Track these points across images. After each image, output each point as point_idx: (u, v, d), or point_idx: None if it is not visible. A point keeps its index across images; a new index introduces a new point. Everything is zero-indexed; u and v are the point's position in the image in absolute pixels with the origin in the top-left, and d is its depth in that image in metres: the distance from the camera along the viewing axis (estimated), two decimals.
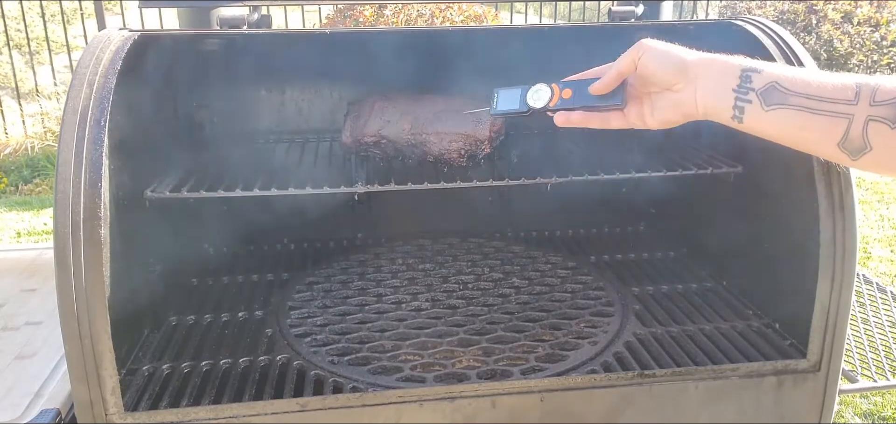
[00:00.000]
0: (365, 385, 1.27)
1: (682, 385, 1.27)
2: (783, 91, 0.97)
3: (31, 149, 5.77)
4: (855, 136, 0.92)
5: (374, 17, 5.66)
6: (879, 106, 0.89)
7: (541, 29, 1.56)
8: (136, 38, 1.28)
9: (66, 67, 6.90)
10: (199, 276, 1.78)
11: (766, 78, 0.98)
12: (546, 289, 1.69)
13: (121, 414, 1.13)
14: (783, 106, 0.97)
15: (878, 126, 0.90)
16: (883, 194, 4.98)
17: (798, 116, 0.96)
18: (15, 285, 1.82)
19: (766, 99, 0.98)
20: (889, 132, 0.89)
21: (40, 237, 4.34)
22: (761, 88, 0.98)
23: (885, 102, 0.89)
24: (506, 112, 1.24)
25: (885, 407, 2.62)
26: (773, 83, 0.98)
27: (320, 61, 1.88)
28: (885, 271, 3.74)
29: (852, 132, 0.92)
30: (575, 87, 1.16)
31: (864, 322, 1.78)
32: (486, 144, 1.54)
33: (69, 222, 1.07)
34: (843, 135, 0.93)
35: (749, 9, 8.19)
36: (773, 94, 0.97)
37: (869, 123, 0.91)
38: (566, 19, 9.24)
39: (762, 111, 0.98)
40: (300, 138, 1.93)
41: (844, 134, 0.93)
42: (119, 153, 1.24)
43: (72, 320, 1.07)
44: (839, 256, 1.23)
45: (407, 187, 1.43)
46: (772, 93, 0.97)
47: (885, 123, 0.89)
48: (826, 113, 0.94)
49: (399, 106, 1.60)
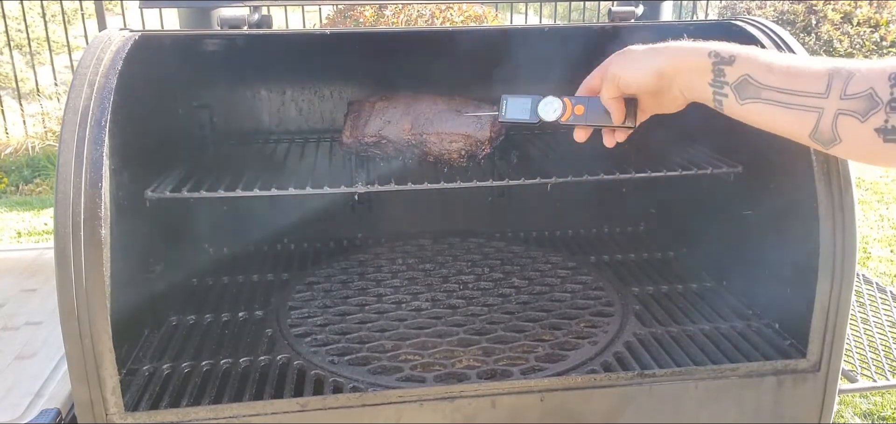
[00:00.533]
0: (365, 384, 1.27)
1: (682, 385, 1.27)
2: (756, 85, 0.98)
3: (31, 149, 5.77)
4: (824, 128, 0.93)
5: (374, 18, 5.66)
6: (850, 100, 0.89)
7: (541, 29, 1.56)
8: (136, 39, 1.28)
9: (66, 67, 6.90)
10: (199, 276, 1.78)
11: (739, 71, 0.99)
12: (546, 289, 1.69)
13: (121, 414, 1.13)
14: (756, 100, 0.99)
15: (847, 119, 0.90)
16: (883, 194, 4.98)
17: (770, 109, 0.98)
18: (15, 285, 1.83)
19: (739, 93, 1.00)
20: (858, 126, 0.89)
21: (40, 237, 4.34)
22: (735, 83, 1.00)
23: (855, 96, 0.89)
24: (515, 121, 1.25)
25: (884, 407, 2.62)
26: (746, 77, 0.99)
27: (320, 61, 1.88)
28: (884, 271, 3.74)
29: (822, 125, 0.93)
30: (587, 103, 1.17)
31: (863, 322, 1.78)
32: (486, 145, 1.54)
33: (69, 223, 1.07)
34: (814, 127, 0.94)
35: (749, 9, 8.19)
36: (746, 88, 0.99)
37: (838, 116, 0.91)
38: (566, 19, 9.24)
39: (738, 105, 1.01)
40: (300, 138, 1.93)
41: (814, 127, 0.94)
42: (119, 153, 1.24)
43: (72, 320, 1.07)
44: (839, 256, 1.23)
45: (407, 187, 1.43)
46: (745, 87, 0.99)
47: (855, 116, 0.89)
48: (797, 107, 0.95)
49: (399, 106, 1.60)
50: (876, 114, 0.87)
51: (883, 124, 0.87)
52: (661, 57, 1.06)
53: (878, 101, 0.87)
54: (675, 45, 1.07)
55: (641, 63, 1.07)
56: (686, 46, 1.06)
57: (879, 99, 0.87)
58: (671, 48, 1.06)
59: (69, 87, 1.17)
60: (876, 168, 5.51)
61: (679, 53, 1.05)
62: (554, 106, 1.20)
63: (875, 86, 0.87)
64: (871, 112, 0.87)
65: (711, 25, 1.56)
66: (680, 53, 1.05)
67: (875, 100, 0.87)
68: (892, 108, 0.86)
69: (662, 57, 1.06)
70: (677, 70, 1.05)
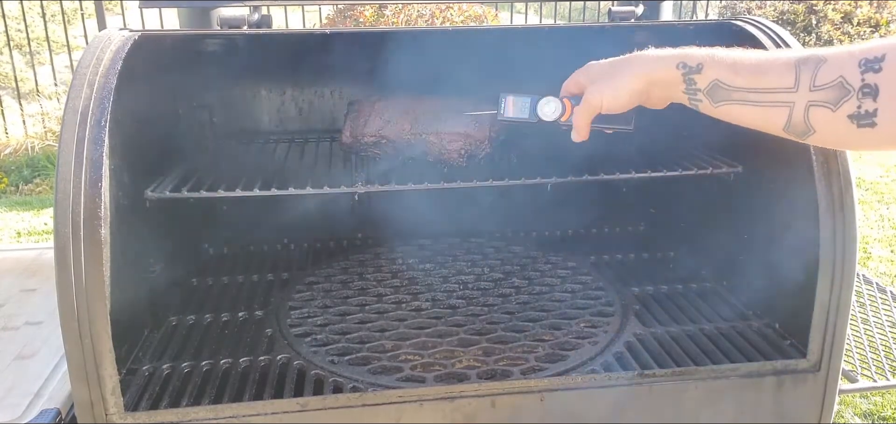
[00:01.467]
0: (365, 384, 1.27)
1: (682, 385, 1.27)
2: (725, 88, 1.00)
3: (31, 149, 5.77)
4: (797, 121, 0.93)
5: (374, 17, 5.66)
6: (820, 90, 0.90)
7: (541, 29, 1.56)
8: (136, 38, 1.28)
9: (66, 66, 6.90)
10: (199, 276, 1.78)
11: (707, 77, 1.01)
12: (546, 289, 1.69)
13: (121, 414, 1.13)
14: (728, 102, 1.00)
15: (818, 110, 0.91)
16: (883, 194, 4.98)
17: (743, 108, 0.99)
18: (15, 285, 1.82)
19: (712, 97, 1.02)
20: (831, 115, 0.89)
21: (40, 237, 4.34)
22: (706, 89, 1.02)
23: (825, 86, 0.89)
24: (513, 120, 1.25)
25: (885, 407, 2.62)
26: (715, 82, 1.00)
27: (320, 61, 1.88)
28: (884, 271, 3.74)
29: (794, 118, 0.93)
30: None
31: (864, 322, 1.78)
32: (485, 144, 1.54)
33: (69, 222, 1.07)
34: (787, 121, 0.95)
35: (749, 9, 8.19)
36: (717, 92, 1.01)
37: (810, 108, 0.91)
38: (566, 19, 9.24)
39: (712, 107, 1.02)
40: (300, 138, 1.93)
41: (787, 120, 0.95)
42: (119, 153, 1.24)
43: (72, 320, 1.07)
44: (839, 256, 1.23)
45: (407, 187, 1.43)
46: (716, 91, 1.01)
47: (826, 106, 0.90)
48: (767, 104, 0.96)
49: (399, 106, 1.60)
50: (848, 101, 0.87)
51: (856, 111, 0.87)
52: (635, 77, 1.07)
53: (849, 88, 0.87)
54: (643, 59, 1.07)
55: (617, 89, 1.08)
56: (654, 58, 1.06)
57: (850, 86, 0.87)
58: (639, 62, 1.07)
59: (69, 87, 1.17)
60: (876, 168, 5.51)
61: (649, 67, 1.07)
62: (553, 106, 1.20)
63: (845, 73, 0.87)
64: (843, 100, 0.88)
65: (711, 25, 1.56)
66: (649, 67, 1.06)
67: (846, 88, 0.87)
68: (864, 93, 0.86)
69: (635, 77, 1.07)
70: (651, 84, 1.07)
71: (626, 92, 1.08)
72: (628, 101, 1.09)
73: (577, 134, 1.16)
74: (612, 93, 1.09)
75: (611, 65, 1.11)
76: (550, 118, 1.20)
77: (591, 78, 1.13)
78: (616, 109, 1.10)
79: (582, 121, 1.14)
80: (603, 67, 1.12)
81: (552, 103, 1.20)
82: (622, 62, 1.09)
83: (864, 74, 0.86)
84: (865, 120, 0.86)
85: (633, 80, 1.07)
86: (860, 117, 0.87)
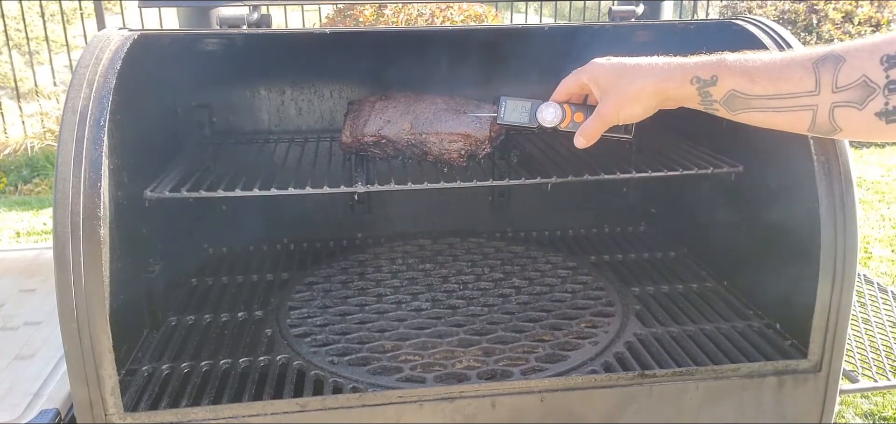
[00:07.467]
0: (365, 385, 1.27)
1: (682, 386, 1.27)
2: (743, 97, 0.98)
3: (30, 149, 5.77)
4: (822, 122, 0.93)
5: (374, 17, 5.65)
6: (843, 91, 0.89)
7: (541, 29, 1.56)
8: (135, 38, 1.28)
9: (65, 66, 6.89)
10: (199, 276, 1.77)
11: (724, 89, 0.99)
12: (546, 289, 1.68)
13: (120, 414, 1.13)
14: (747, 110, 0.99)
15: (844, 110, 0.90)
16: (884, 194, 4.98)
17: (764, 115, 0.98)
18: (14, 285, 1.82)
19: (729, 107, 1.00)
20: (857, 114, 0.89)
21: (40, 237, 4.34)
22: (722, 99, 1.00)
23: (849, 86, 0.88)
24: (513, 124, 1.25)
25: (885, 407, 2.62)
26: (732, 92, 0.99)
27: (320, 61, 1.88)
28: (885, 271, 3.74)
29: (819, 120, 0.93)
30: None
31: (864, 322, 1.78)
32: (486, 145, 1.54)
33: (69, 222, 1.07)
34: (811, 123, 0.94)
35: (750, 8, 8.18)
36: (734, 101, 0.99)
37: (834, 109, 0.91)
38: (566, 19, 9.24)
39: (730, 114, 1.01)
40: (300, 138, 1.93)
41: (811, 123, 0.94)
42: (119, 153, 1.24)
43: (71, 320, 1.07)
44: (840, 256, 1.23)
45: (407, 187, 1.42)
46: (733, 101, 0.99)
47: (852, 106, 0.89)
48: (789, 109, 0.95)
49: (399, 106, 1.60)
50: (874, 100, 0.87)
51: (883, 108, 0.87)
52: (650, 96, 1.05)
53: (874, 86, 0.86)
54: (655, 72, 1.05)
55: (633, 106, 1.07)
56: (666, 72, 1.04)
57: (875, 85, 0.86)
58: (651, 76, 1.05)
59: (68, 86, 1.16)
60: (877, 168, 5.51)
61: (663, 84, 1.04)
62: (553, 112, 1.19)
63: (867, 72, 0.87)
64: (869, 99, 0.87)
65: (712, 25, 1.55)
66: (663, 84, 1.04)
67: (870, 86, 0.87)
68: (891, 89, 0.85)
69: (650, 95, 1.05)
70: (666, 101, 1.06)
71: (642, 109, 1.07)
72: (642, 117, 1.09)
73: (584, 142, 1.15)
74: (628, 112, 1.08)
75: (618, 74, 1.08)
76: (550, 124, 1.20)
77: (601, 87, 1.10)
78: (632, 121, 1.12)
79: (593, 132, 1.13)
80: (610, 74, 1.09)
81: (552, 109, 1.20)
82: (632, 72, 1.06)
83: (888, 70, 0.85)
84: (894, 116, 0.86)
85: (649, 98, 1.05)
86: (889, 114, 0.86)
